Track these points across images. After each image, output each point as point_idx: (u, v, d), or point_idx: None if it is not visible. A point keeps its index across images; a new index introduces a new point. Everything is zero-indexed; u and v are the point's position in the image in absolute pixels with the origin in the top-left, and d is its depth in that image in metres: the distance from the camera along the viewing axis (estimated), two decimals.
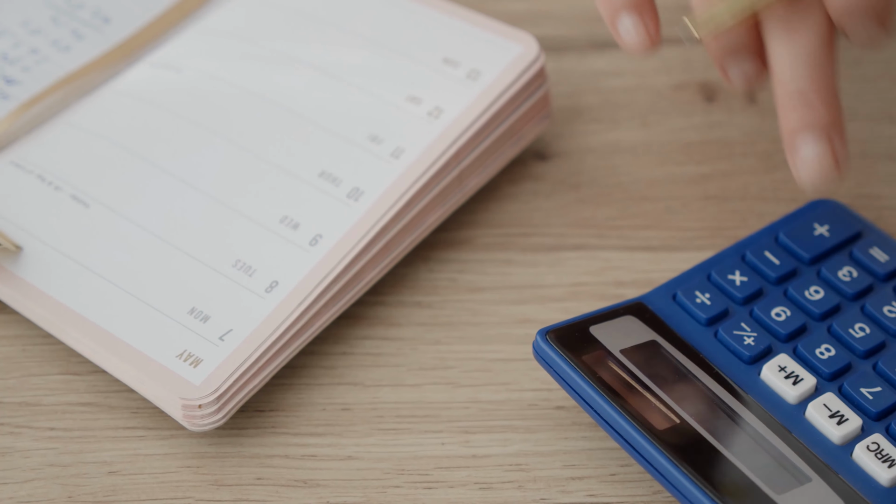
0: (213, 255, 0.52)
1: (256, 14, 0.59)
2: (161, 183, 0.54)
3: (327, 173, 0.54)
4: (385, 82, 0.56)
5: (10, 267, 0.52)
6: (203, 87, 0.57)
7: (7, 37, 0.59)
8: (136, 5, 0.61)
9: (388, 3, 0.59)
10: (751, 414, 0.48)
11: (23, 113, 0.56)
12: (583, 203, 0.57)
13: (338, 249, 0.51)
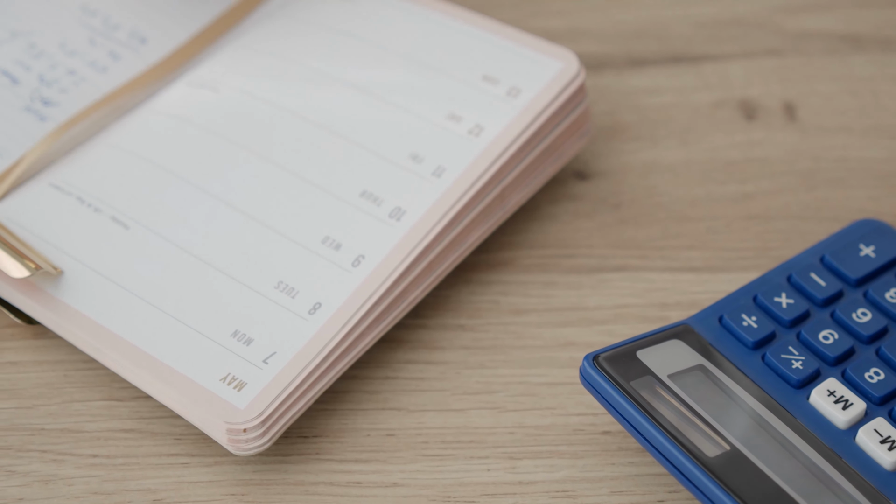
0: (255, 277, 0.51)
1: (293, 32, 0.59)
2: (201, 203, 0.53)
3: (368, 193, 0.53)
4: (425, 100, 0.56)
5: (50, 290, 0.51)
6: (241, 106, 0.56)
7: (44, 58, 0.59)
8: (172, 25, 0.61)
9: (425, 19, 0.58)
10: (800, 439, 0.47)
11: (61, 134, 0.56)
12: (624, 223, 0.56)
13: (381, 270, 0.51)
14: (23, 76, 0.58)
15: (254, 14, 0.62)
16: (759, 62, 0.62)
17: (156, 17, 0.61)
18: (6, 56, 0.59)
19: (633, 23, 0.64)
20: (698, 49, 0.62)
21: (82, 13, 0.61)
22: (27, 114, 0.57)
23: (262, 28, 0.60)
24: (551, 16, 0.64)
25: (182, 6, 0.62)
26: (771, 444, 0.47)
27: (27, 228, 0.53)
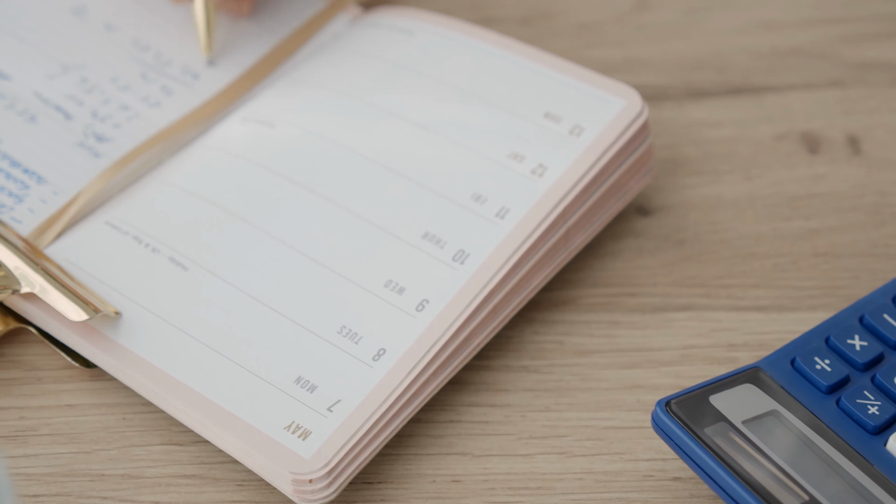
0: (318, 321, 0.50)
1: (348, 65, 0.58)
2: (260, 244, 0.52)
3: (431, 235, 0.52)
4: (486, 138, 0.55)
5: (109, 333, 0.50)
6: (298, 142, 0.55)
7: (97, 93, 0.58)
8: (224, 59, 0.60)
9: (483, 53, 0.57)
10: (878, 487, 0.46)
11: (117, 172, 0.55)
12: (688, 261, 0.55)
13: (446, 315, 0.50)
14: (75, 111, 0.57)
15: (306, 46, 0.61)
16: (820, 94, 0.61)
17: None
18: (58, 91, 0.58)
19: (691, 53, 0.63)
20: (758, 80, 0.61)
21: (134, 47, 0.60)
22: (81, 150, 0.56)
23: (315, 61, 0.59)
24: (608, 46, 0.63)
25: (234, 40, 0.61)
26: (848, 492, 0.46)
27: (84, 269, 0.52)
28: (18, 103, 0.57)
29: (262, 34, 0.61)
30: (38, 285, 0.51)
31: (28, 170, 0.55)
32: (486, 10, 0.64)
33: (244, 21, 0.61)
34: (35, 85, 0.58)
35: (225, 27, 0.61)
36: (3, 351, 0.51)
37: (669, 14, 0.64)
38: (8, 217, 0.54)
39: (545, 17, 0.64)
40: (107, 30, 0.60)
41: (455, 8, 0.64)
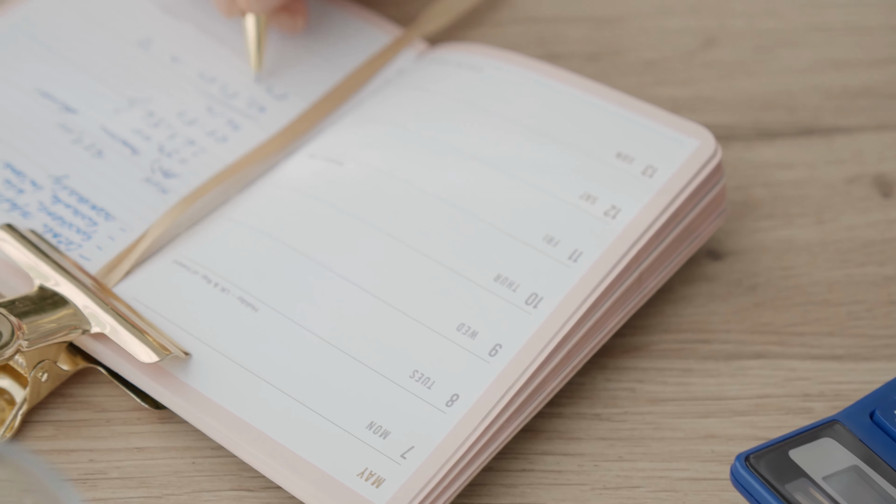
0: (390, 365, 0.50)
1: (416, 101, 0.58)
2: (330, 284, 0.52)
3: (503, 277, 0.52)
4: (557, 178, 0.54)
5: (179, 374, 0.50)
6: (368, 181, 0.55)
7: (163, 127, 0.58)
8: (291, 92, 0.59)
9: (552, 90, 0.57)
10: None
11: (185, 209, 0.54)
12: (761, 307, 0.54)
13: (519, 360, 0.49)
14: (142, 146, 0.57)
15: (372, 81, 0.60)
16: (893, 135, 0.60)
17: (274, 84, 0.60)
18: (125, 125, 0.58)
19: (759, 92, 0.62)
20: (829, 121, 0.61)
21: (200, 80, 0.60)
22: (148, 185, 0.56)
23: (382, 96, 0.59)
24: (675, 84, 0.62)
25: (299, 73, 0.60)
26: None
27: (152, 308, 0.52)
28: (86, 137, 0.57)
29: (327, 68, 0.61)
30: (109, 325, 0.50)
31: (96, 206, 0.55)
32: (551, 45, 0.64)
33: (310, 54, 0.61)
34: (102, 119, 0.58)
35: (293, 60, 0.60)
36: (71, 391, 0.51)
37: (737, 52, 0.64)
38: (76, 254, 0.53)
39: (612, 54, 0.63)
40: (172, 62, 0.60)
41: (520, 43, 0.64)
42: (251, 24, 0.59)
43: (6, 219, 0.54)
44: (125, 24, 0.61)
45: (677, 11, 0.65)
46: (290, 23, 0.60)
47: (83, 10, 0.61)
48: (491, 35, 0.64)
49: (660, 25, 0.65)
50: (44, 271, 0.52)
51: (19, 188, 0.55)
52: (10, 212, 0.54)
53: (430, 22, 0.63)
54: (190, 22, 0.61)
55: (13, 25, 0.60)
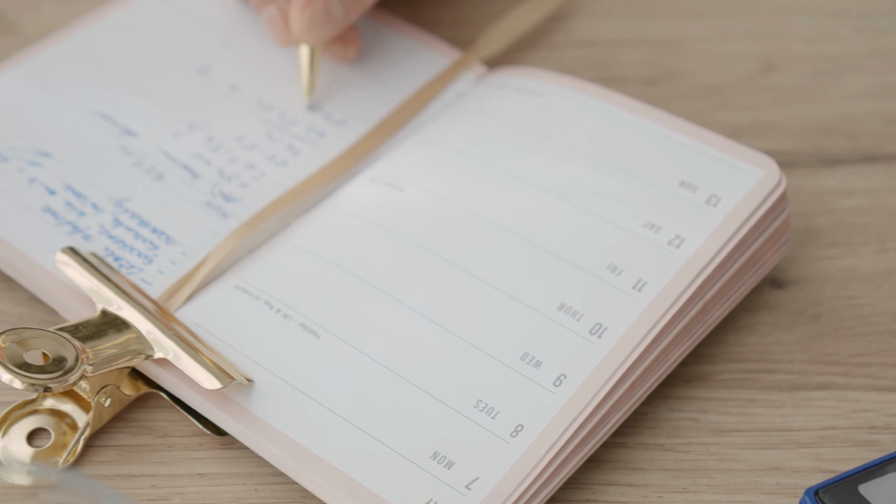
0: (453, 394, 0.49)
1: (475, 126, 0.57)
2: (392, 312, 0.52)
3: (567, 306, 0.51)
4: (619, 206, 0.54)
5: (241, 401, 0.50)
6: (429, 207, 0.55)
7: (223, 152, 0.58)
8: (350, 117, 0.59)
9: (613, 117, 0.56)
10: None
11: (246, 233, 0.54)
12: (825, 337, 0.54)
13: (584, 391, 0.49)
14: (202, 170, 0.57)
15: (431, 105, 0.60)
16: None
17: (333, 109, 0.60)
18: (185, 149, 0.58)
19: (820, 118, 0.61)
20: (891, 147, 0.60)
21: (258, 107, 0.59)
22: (208, 209, 0.56)
23: (442, 121, 0.59)
24: (735, 109, 0.62)
25: (358, 98, 0.60)
26: None
27: (214, 334, 0.52)
28: (146, 161, 0.57)
29: (386, 92, 0.60)
30: (171, 351, 0.50)
31: (157, 229, 0.55)
32: (609, 69, 0.63)
33: (369, 79, 0.61)
34: (162, 143, 0.58)
35: (351, 85, 0.60)
36: (133, 416, 0.51)
37: (797, 77, 0.63)
38: (138, 278, 0.53)
39: (671, 78, 0.63)
40: (231, 89, 0.60)
41: (577, 67, 0.63)
42: (305, 54, 0.59)
43: (68, 241, 0.54)
44: (184, 52, 0.61)
45: (736, 35, 0.65)
46: (343, 52, 0.60)
47: (141, 37, 0.61)
48: (548, 58, 0.64)
49: (718, 49, 0.64)
50: (106, 295, 0.52)
51: (80, 211, 0.55)
52: (71, 234, 0.54)
53: (488, 45, 0.63)
54: (247, 51, 0.61)
55: (73, 49, 0.60)
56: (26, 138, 0.57)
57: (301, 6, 0.58)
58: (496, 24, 0.63)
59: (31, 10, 0.64)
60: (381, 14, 0.63)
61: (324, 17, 0.58)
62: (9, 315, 0.53)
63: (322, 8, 0.57)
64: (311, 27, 0.58)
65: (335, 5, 0.57)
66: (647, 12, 0.66)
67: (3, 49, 0.62)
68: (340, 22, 0.58)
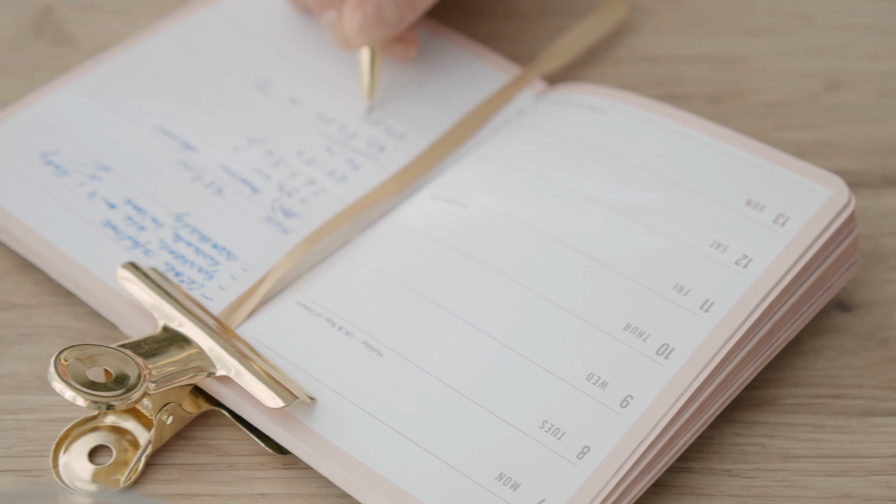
0: (518, 415, 0.49)
1: (537, 143, 0.57)
2: (455, 330, 0.51)
3: (633, 326, 0.51)
4: (686, 225, 0.53)
5: (303, 419, 0.49)
6: (491, 224, 0.54)
7: (282, 167, 0.57)
8: (410, 131, 0.59)
9: (677, 134, 0.56)
10: None
11: (308, 249, 0.54)
12: (893, 362, 0.53)
13: (651, 412, 0.48)
14: (262, 185, 0.57)
15: (491, 120, 0.60)
16: None
17: (393, 123, 0.59)
18: (245, 164, 0.57)
19: (885, 137, 0.60)
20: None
21: (318, 121, 0.59)
22: (269, 225, 0.55)
23: (503, 137, 0.58)
24: (798, 128, 0.61)
25: (418, 112, 0.60)
26: None
27: (276, 351, 0.51)
28: (206, 175, 0.57)
29: (446, 107, 0.60)
30: (234, 368, 0.50)
31: (217, 245, 0.54)
32: (671, 86, 0.63)
33: (429, 93, 0.60)
34: (221, 158, 0.57)
35: (412, 99, 0.60)
36: (194, 434, 0.50)
37: (861, 95, 0.62)
38: (199, 294, 0.53)
39: (733, 96, 0.62)
40: (291, 104, 0.60)
41: (639, 83, 0.63)
42: (365, 56, 0.59)
43: (128, 256, 0.54)
44: (243, 65, 0.61)
45: (799, 53, 0.64)
46: (403, 52, 0.60)
47: (200, 50, 0.61)
48: (609, 74, 0.63)
49: (782, 67, 0.64)
50: (167, 311, 0.51)
51: (140, 225, 0.55)
52: (131, 249, 0.54)
53: (549, 61, 0.62)
54: (306, 65, 0.61)
55: (132, 63, 0.60)
56: (86, 152, 0.57)
57: (352, 7, 0.57)
58: (557, 40, 0.63)
59: (87, 23, 0.64)
60: (440, 28, 0.63)
61: (375, 18, 0.57)
62: (70, 330, 0.52)
63: (374, 9, 0.57)
64: (363, 28, 0.57)
65: (388, 6, 0.57)
66: (709, 29, 0.65)
67: (61, 61, 0.62)
68: (395, 24, 0.58)
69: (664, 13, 0.66)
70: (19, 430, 0.49)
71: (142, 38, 0.62)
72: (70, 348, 0.48)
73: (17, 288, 0.53)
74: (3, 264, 0.54)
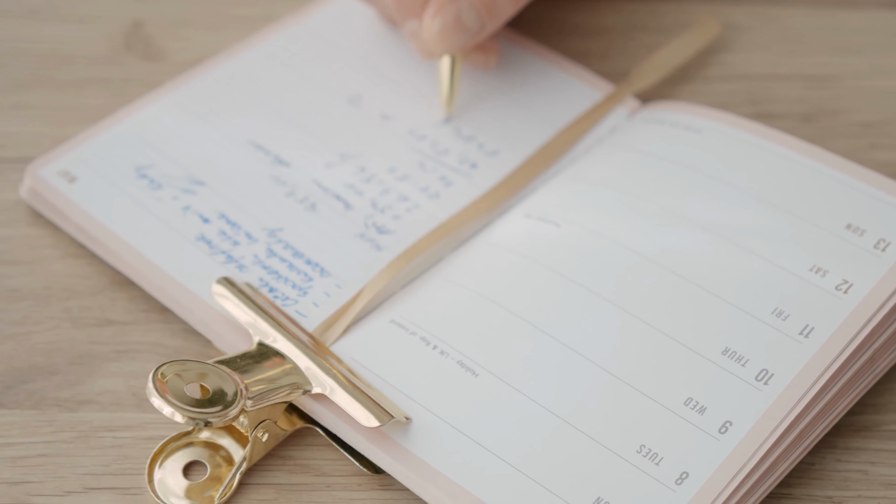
0: (615, 438, 0.48)
1: (631, 162, 0.56)
2: (551, 351, 0.51)
3: (731, 351, 0.50)
4: (784, 248, 0.52)
5: (399, 439, 0.49)
6: (586, 244, 0.54)
7: (375, 183, 0.57)
8: (502, 148, 0.58)
9: (773, 154, 0.55)
10: None
11: (402, 267, 0.54)
12: None
13: (751, 439, 0.48)
14: (355, 201, 0.56)
15: (584, 138, 0.59)
16: None
17: (484, 141, 0.59)
18: (337, 179, 0.57)
19: None
20: None
21: (410, 136, 0.59)
22: (362, 241, 0.55)
23: (598, 156, 0.58)
24: (892, 148, 0.60)
25: (510, 129, 0.59)
26: None
27: (370, 369, 0.51)
28: (298, 191, 0.56)
29: (537, 123, 0.60)
30: (329, 386, 0.49)
31: (311, 261, 0.54)
32: (763, 104, 0.62)
33: (521, 109, 0.60)
34: (314, 173, 0.57)
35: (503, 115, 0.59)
36: (289, 453, 0.50)
37: None
38: (292, 310, 0.53)
39: (827, 115, 0.62)
40: (382, 119, 0.59)
41: (731, 102, 0.62)
42: (445, 64, 0.59)
43: (222, 271, 0.54)
44: (334, 80, 0.61)
45: (893, 71, 0.63)
46: (483, 60, 0.60)
47: (291, 65, 0.61)
48: (700, 92, 0.63)
49: (876, 86, 0.63)
50: (262, 328, 0.51)
51: (234, 240, 0.55)
52: (225, 264, 0.54)
53: (642, 78, 0.61)
54: (397, 80, 0.61)
55: (225, 78, 0.60)
56: (180, 166, 0.57)
57: (432, 15, 0.57)
58: (650, 58, 0.62)
59: (177, 38, 0.64)
60: (531, 44, 0.63)
61: (455, 25, 0.57)
62: (165, 347, 0.53)
63: (453, 17, 0.57)
64: (442, 36, 0.57)
65: (468, 14, 0.57)
66: (801, 47, 0.64)
67: (152, 76, 0.62)
68: (475, 32, 0.57)
69: (756, 30, 0.65)
70: (117, 448, 0.49)
71: (233, 53, 0.62)
72: (168, 364, 0.48)
73: (112, 304, 0.54)
74: (99, 280, 0.54)
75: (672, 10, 0.66)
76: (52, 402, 0.51)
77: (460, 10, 0.57)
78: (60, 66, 0.62)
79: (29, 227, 0.56)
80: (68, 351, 0.52)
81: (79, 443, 0.49)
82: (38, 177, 0.56)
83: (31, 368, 0.52)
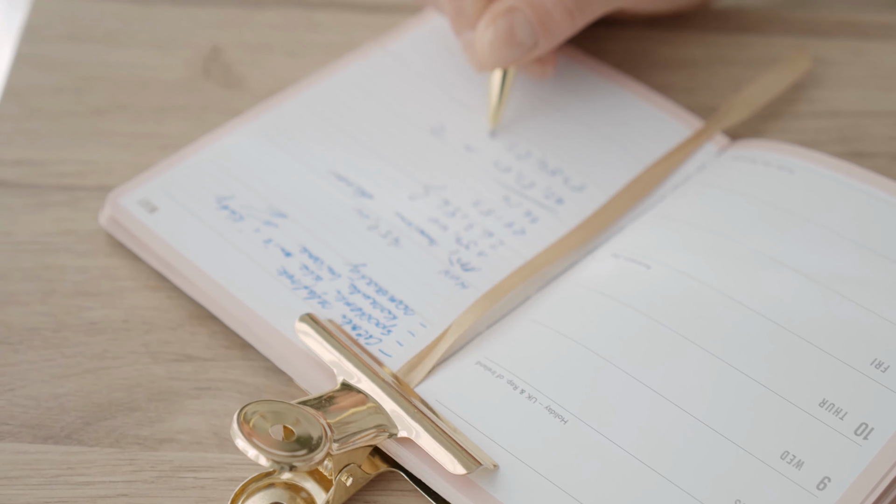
0: (709, 492, 0.47)
1: (721, 202, 0.55)
2: (642, 399, 0.49)
3: (829, 403, 0.48)
4: (882, 295, 0.51)
5: (486, 486, 0.48)
6: (677, 288, 0.52)
7: (459, 217, 0.56)
8: (589, 183, 0.57)
9: (870, 197, 0.54)
10: None
11: (487, 306, 0.52)
12: None
13: (851, 496, 0.46)
14: (439, 236, 0.55)
15: (672, 176, 0.58)
16: None
17: (571, 175, 0.58)
18: (421, 213, 0.56)
19: None
20: None
21: (494, 168, 0.58)
22: (446, 279, 0.54)
23: (687, 194, 0.56)
24: None
25: (596, 163, 0.58)
26: None
27: (455, 412, 0.50)
28: (382, 224, 0.55)
29: (625, 157, 0.58)
30: (415, 430, 0.48)
31: (394, 298, 0.53)
32: (854, 143, 0.60)
33: (607, 142, 0.58)
34: (397, 206, 0.56)
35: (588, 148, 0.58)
36: (373, 498, 0.49)
37: None
38: (376, 349, 0.52)
39: None
40: (466, 150, 0.58)
41: (821, 140, 0.61)
42: (496, 76, 0.57)
43: (304, 307, 0.53)
44: (416, 110, 0.60)
45: None
46: (540, 70, 0.59)
47: (373, 94, 0.60)
48: (789, 129, 0.61)
49: None
50: (347, 368, 0.50)
51: (317, 275, 0.54)
52: (307, 300, 0.53)
53: (731, 114, 0.60)
54: (481, 112, 0.60)
55: (305, 106, 0.59)
56: (261, 197, 0.56)
57: (485, 24, 0.56)
58: (740, 93, 0.61)
59: (256, 65, 0.63)
60: (617, 76, 0.61)
61: (507, 37, 0.55)
62: (246, 385, 0.51)
63: (506, 28, 0.55)
64: (493, 47, 0.56)
65: (521, 28, 0.55)
66: (893, 83, 0.63)
67: (231, 104, 0.61)
68: (528, 48, 0.56)
69: (846, 65, 0.64)
70: (199, 489, 0.48)
71: (314, 80, 0.61)
72: (253, 404, 0.47)
73: (192, 339, 0.53)
74: (178, 313, 0.53)
75: (758, 43, 0.64)
76: (132, 439, 0.50)
77: (514, 22, 0.55)
78: (138, 92, 0.62)
79: (108, 257, 0.55)
80: (148, 387, 0.51)
81: (160, 483, 0.49)
82: (118, 206, 0.55)
83: (110, 404, 0.51)
